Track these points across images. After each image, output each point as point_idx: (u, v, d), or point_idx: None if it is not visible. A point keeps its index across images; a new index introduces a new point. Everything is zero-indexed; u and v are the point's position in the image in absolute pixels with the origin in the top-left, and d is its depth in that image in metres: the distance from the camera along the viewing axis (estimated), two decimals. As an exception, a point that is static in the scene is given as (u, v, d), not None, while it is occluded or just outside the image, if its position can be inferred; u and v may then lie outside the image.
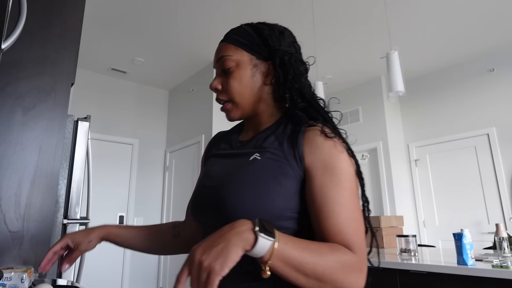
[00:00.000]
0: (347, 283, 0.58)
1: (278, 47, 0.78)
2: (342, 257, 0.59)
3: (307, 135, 0.70)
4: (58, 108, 1.32)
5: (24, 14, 0.96)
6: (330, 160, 0.67)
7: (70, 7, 1.43)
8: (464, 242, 1.77)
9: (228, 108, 0.78)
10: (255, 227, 0.53)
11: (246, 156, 0.74)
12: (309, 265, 0.55)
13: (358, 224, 0.65)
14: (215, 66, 0.80)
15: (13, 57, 1.25)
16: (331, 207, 0.63)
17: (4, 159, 1.19)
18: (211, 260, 0.49)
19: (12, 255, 1.15)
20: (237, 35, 0.79)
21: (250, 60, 0.78)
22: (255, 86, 0.78)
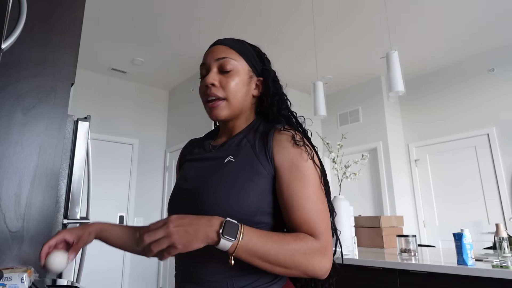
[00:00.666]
0: (311, 267, 0.67)
1: (270, 68, 0.90)
2: (304, 244, 0.67)
3: (277, 136, 0.78)
4: (58, 108, 1.32)
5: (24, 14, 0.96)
6: (296, 160, 0.75)
7: (70, 7, 1.43)
8: (464, 242, 1.77)
9: (219, 105, 0.82)
10: (220, 229, 0.62)
11: (221, 159, 0.80)
12: (271, 255, 0.65)
13: (322, 214, 0.72)
14: (211, 63, 0.83)
15: (13, 57, 1.25)
16: (297, 200, 0.72)
17: (4, 159, 1.19)
18: (178, 238, 0.60)
19: (12, 255, 1.15)
20: (239, 45, 0.86)
21: (248, 71, 0.86)
22: (248, 94, 0.85)
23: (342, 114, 5.10)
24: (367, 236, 2.88)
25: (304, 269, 0.67)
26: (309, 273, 0.68)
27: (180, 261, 0.79)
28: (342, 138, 3.57)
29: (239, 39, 0.89)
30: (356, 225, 2.96)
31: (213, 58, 0.84)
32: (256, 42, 0.98)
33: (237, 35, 0.89)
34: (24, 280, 0.87)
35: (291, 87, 5.06)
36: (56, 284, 1.16)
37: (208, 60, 0.84)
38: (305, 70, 4.49)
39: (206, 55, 0.86)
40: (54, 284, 1.15)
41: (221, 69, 0.82)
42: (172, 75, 4.66)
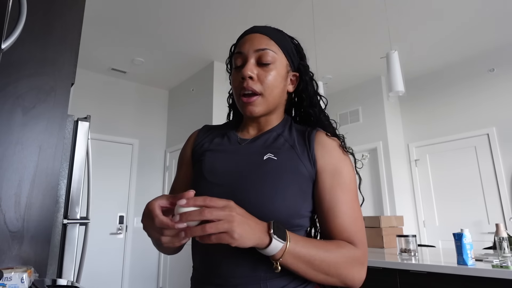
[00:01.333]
0: (351, 276, 0.66)
1: (307, 64, 0.85)
2: (347, 253, 0.66)
3: (320, 139, 0.76)
4: (58, 108, 1.32)
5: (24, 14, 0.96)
6: (339, 166, 0.73)
7: (70, 7, 1.43)
8: (464, 242, 1.77)
9: (256, 101, 0.76)
10: (270, 230, 0.59)
11: (257, 155, 0.75)
12: (317, 261, 0.63)
13: (361, 223, 0.72)
14: (250, 54, 0.77)
15: (13, 57, 1.25)
16: (339, 206, 0.70)
17: (4, 159, 1.19)
18: (238, 226, 0.55)
19: (12, 255, 1.15)
20: (280, 36, 0.81)
21: (287, 65, 0.80)
22: (283, 89, 0.80)
23: (342, 114, 5.10)
24: (367, 236, 2.87)
25: (344, 278, 0.66)
26: (348, 283, 0.66)
27: (204, 261, 0.72)
28: (342, 138, 3.58)
29: (279, 29, 0.83)
30: (356, 225, 2.96)
31: (252, 48, 0.77)
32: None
33: (237, 35, 0.87)
34: (24, 280, 0.87)
35: (291, 87, 5.05)
36: (56, 284, 1.16)
37: (246, 49, 0.77)
38: (305, 70, 4.49)
39: (244, 43, 0.79)
40: (54, 284, 1.15)
41: (259, 61, 0.76)
42: (172, 75, 4.66)
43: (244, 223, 0.56)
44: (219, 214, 0.54)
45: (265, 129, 0.81)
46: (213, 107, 4.09)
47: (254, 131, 0.83)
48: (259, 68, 0.76)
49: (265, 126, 0.82)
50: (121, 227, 4.35)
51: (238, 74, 0.78)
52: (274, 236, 0.59)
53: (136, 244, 4.43)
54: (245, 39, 0.79)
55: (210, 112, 4.11)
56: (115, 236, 4.30)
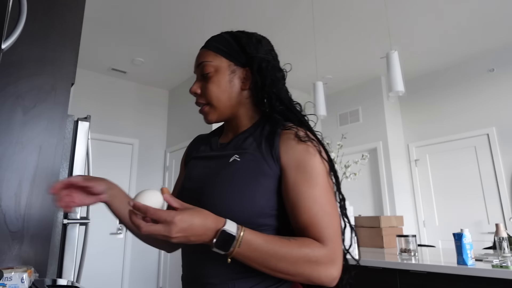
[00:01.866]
0: (316, 274, 0.64)
1: (256, 54, 0.81)
2: (310, 252, 0.64)
3: (282, 137, 0.75)
4: (58, 108, 1.32)
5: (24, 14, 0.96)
6: (302, 159, 0.71)
7: (70, 7, 1.43)
8: (464, 242, 1.77)
9: (205, 111, 0.82)
10: (213, 239, 0.61)
11: (226, 157, 0.77)
12: (272, 262, 0.63)
13: (330, 218, 0.68)
14: (196, 71, 0.84)
15: (13, 57, 1.25)
16: (303, 202, 0.68)
17: (4, 159, 1.19)
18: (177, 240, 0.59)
19: (12, 255, 1.15)
20: (217, 42, 0.83)
21: (229, 66, 0.81)
22: (233, 90, 0.81)
23: (342, 114, 5.10)
24: (367, 236, 2.88)
25: (308, 277, 0.64)
26: (314, 281, 0.65)
27: (185, 261, 0.78)
28: (342, 138, 3.57)
29: (219, 34, 0.85)
30: (356, 225, 2.96)
31: (195, 65, 0.84)
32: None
33: (237, 35, 0.87)
34: (24, 280, 0.87)
35: (291, 87, 5.03)
36: (56, 284, 1.16)
37: (194, 68, 0.85)
38: (305, 70, 4.49)
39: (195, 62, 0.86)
40: (54, 284, 1.15)
41: (202, 74, 0.82)
42: (172, 75, 4.66)
43: (182, 238, 0.59)
44: (155, 232, 0.58)
45: (239, 131, 0.84)
46: (213, 107, 4.09)
47: (231, 134, 0.86)
48: (203, 81, 0.81)
49: (238, 128, 0.84)
50: (121, 227, 4.35)
51: None
52: (215, 248, 0.61)
53: (136, 244, 4.43)
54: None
55: (210, 112, 4.11)
56: (115, 236, 4.30)
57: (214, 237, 0.60)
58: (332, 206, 0.70)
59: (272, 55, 0.85)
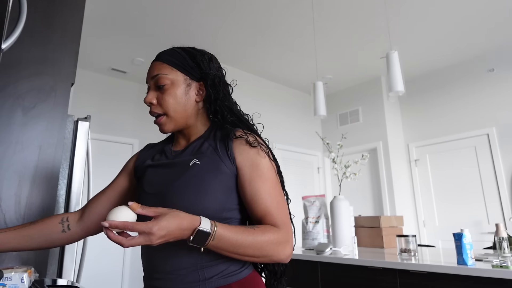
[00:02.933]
0: (277, 254, 0.76)
1: (209, 71, 0.91)
2: (272, 236, 0.75)
3: (235, 142, 0.85)
4: (58, 108, 1.32)
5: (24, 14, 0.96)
6: (254, 159, 0.83)
7: (70, 7, 1.43)
8: (464, 242, 1.77)
9: (162, 122, 0.87)
10: (191, 237, 0.69)
11: (185, 163, 0.84)
12: (240, 249, 0.73)
13: (282, 206, 0.82)
14: (149, 82, 0.89)
15: (13, 57, 1.25)
16: (259, 195, 0.80)
17: (4, 159, 1.19)
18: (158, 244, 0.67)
19: (12, 255, 1.15)
20: (172, 56, 0.89)
21: (184, 80, 0.88)
22: (188, 102, 0.88)
23: (342, 114, 5.10)
24: (367, 236, 2.88)
25: (270, 257, 0.76)
26: (275, 260, 0.77)
27: (147, 259, 0.82)
28: (342, 138, 3.58)
29: (172, 48, 0.92)
30: (356, 225, 2.96)
31: (149, 76, 0.89)
32: (257, 43, 0.98)
33: (237, 35, 0.89)
34: (24, 280, 0.87)
35: (291, 87, 5.06)
36: (56, 284, 1.16)
37: (147, 79, 0.90)
38: (305, 70, 4.49)
39: (147, 74, 0.91)
40: (54, 284, 1.15)
41: (157, 86, 0.87)
42: (172, 75, 4.66)
43: (163, 242, 0.67)
44: (137, 243, 0.66)
45: (192, 138, 0.91)
46: (213, 107, 4.09)
47: (184, 141, 0.93)
48: (158, 92, 0.87)
49: (192, 135, 0.92)
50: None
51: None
52: (191, 243, 0.69)
53: (136, 244, 4.43)
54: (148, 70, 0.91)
55: (210, 112, 4.11)
56: (115, 236, 4.30)
57: (191, 235, 0.68)
58: (282, 197, 0.83)
59: (221, 72, 0.95)
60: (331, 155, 2.89)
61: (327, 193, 5.02)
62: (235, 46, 3.85)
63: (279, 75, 4.64)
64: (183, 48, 0.92)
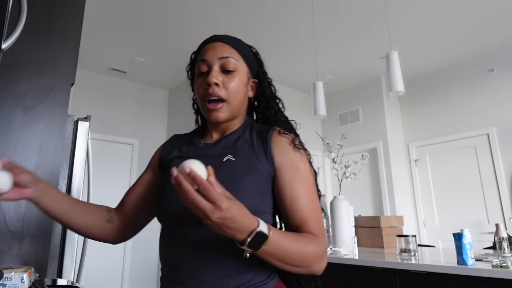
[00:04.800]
0: (316, 265, 0.70)
1: (265, 70, 0.91)
2: (316, 246, 0.70)
3: (276, 138, 0.80)
4: (58, 108, 1.32)
5: (24, 14, 0.96)
6: (296, 162, 0.78)
7: (70, 7, 1.43)
8: (464, 242, 1.77)
9: (220, 108, 0.80)
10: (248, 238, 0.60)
11: (219, 157, 0.79)
12: (289, 258, 0.66)
13: (319, 215, 0.77)
14: (213, 61, 0.81)
15: (13, 57, 1.25)
16: (300, 199, 0.74)
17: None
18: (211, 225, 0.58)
19: (12, 255, 1.15)
20: (240, 44, 0.86)
21: (247, 73, 0.86)
22: (246, 95, 0.86)
23: (342, 114, 5.10)
24: (367, 236, 2.88)
25: (310, 268, 0.70)
26: (312, 271, 0.71)
27: (168, 260, 0.76)
28: (342, 138, 3.58)
29: (237, 38, 0.88)
30: (356, 225, 2.96)
31: (215, 55, 0.81)
32: (256, 42, 0.99)
33: (237, 35, 0.88)
34: (24, 280, 0.87)
35: (291, 87, 5.05)
36: (56, 284, 1.16)
37: (209, 57, 0.82)
38: (305, 70, 4.49)
39: (206, 51, 0.83)
40: (54, 284, 1.15)
41: (223, 68, 0.81)
42: (172, 75, 4.66)
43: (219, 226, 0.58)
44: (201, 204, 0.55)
45: (227, 132, 0.86)
46: (213, 107, 4.09)
47: (217, 135, 0.87)
48: (223, 75, 0.81)
49: (227, 130, 0.86)
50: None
51: (203, 80, 0.81)
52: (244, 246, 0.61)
53: (136, 244, 4.43)
54: (207, 47, 0.84)
55: (210, 112, 4.11)
56: (115, 236, 4.30)
57: (248, 236, 0.60)
58: (319, 206, 0.78)
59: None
60: (331, 155, 2.89)
61: (327, 193, 5.02)
62: (235, 46, 3.85)
63: (279, 75, 4.64)
64: (245, 43, 0.90)
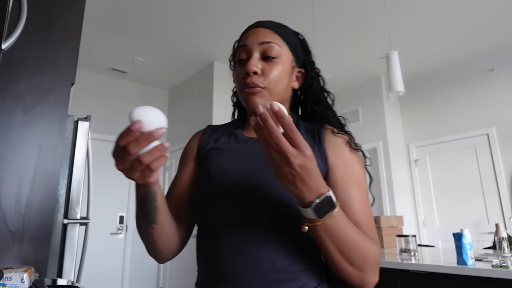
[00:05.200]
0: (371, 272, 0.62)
1: (312, 60, 0.83)
2: (375, 250, 0.62)
3: (330, 136, 0.74)
4: (58, 108, 1.32)
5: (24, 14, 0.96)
6: (352, 163, 0.71)
7: (70, 7, 1.43)
8: (464, 242, 1.77)
9: (259, 93, 0.72)
10: (316, 200, 0.54)
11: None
12: (347, 246, 0.58)
13: (372, 220, 0.69)
14: (253, 47, 0.74)
15: (13, 57, 1.25)
16: (354, 202, 0.67)
17: (4, 159, 1.19)
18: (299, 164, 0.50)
19: (12, 255, 1.15)
20: (284, 30, 0.79)
21: (291, 61, 0.78)
22: (289, 85, 0.78)
23: (342, 114, 5.05)
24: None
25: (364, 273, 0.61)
26: (364, 280, 0.62)
27: (212, 262, 0.68)
28: (342, 138, 3.57)
29: (283, 24, 0.80)
30: (356, 225, 2.96)
31: (256, 41, 0.75)
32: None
33: (237, 35, 0.87)
34: (25, 280, 0.87)
35: (291, 87, 5.05)
36: (56, 284, 1.16)
37: (249, 42, 0.75)
38: (305, 70, 4.49)
39: (247, 36, 0.77)
40: (54, 284, 1.15)
41: (264, 55, 0.74)
42: (172, 75, 4.66)
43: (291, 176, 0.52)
44: (284, 146, 0.50)
45: None
46: (213, 107, 4.09)
47: None
48: (264, 62, 0.74)
49: None
50: (121, 227, 4.35)
51: (242, 68, 0.75)
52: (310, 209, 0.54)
53: (136, 244, 4.43)
54: (248, 33, 0.77)
55: (210, 112, 4.11)
56: (115, 236, 4.30)
57: (316, 197, 0.54)
58: (372, 212, 0.70)
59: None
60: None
61: (327, 193, 5.01)
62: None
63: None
64: (289, 27, 0.81)
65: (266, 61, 0.74)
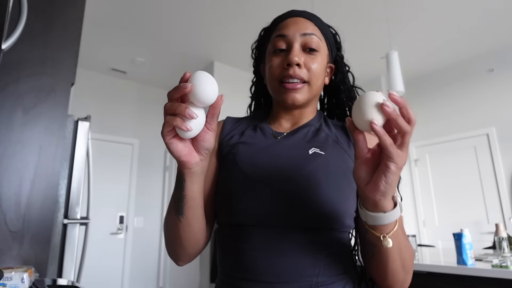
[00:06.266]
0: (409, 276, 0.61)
1: (343, 55, 0.81)
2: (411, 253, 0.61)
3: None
4: (58, 108, 1.32)
5: (24, 14, 0.96)
6: None
7: (70, 7, 1.43)
8: (464, 242, 1.77)
9: (301, 89, 0.70)
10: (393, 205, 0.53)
11: (300, 149, 0.68)
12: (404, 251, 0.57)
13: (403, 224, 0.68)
14: (296, 37, 0.71)
15: (13, 57, 1.25)
16: None
17: (4, 159, 1.19)
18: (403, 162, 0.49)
19: (12, 255, 1.15)
20: (322, 24, 0.76)
21: (327, 55, 0.76)
22: (323, 80, 0.75)
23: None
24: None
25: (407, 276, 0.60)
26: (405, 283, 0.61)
27: (241, 263, 0.63)
28: (342, 138, 3.57)
29: (320, 18, 0.77)
30: (356, 225, 2.96)
31: (297, 31, 0.71)
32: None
33: (237, 34, 0.87)
34: (25, 280, 0.87)
35: (291, 87, 5.05)
36: (56, 284, 1.16)
37: (291, 32, 0.71)
38: (305, 70, 4.49)
39: (287, 26, 0.73)
40: (54, 284, 1.15)
41: (305, 47, 0.71)
42: (172, 75, 4.66)
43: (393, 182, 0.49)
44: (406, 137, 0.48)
45: (300, 122, 0.75)
46: (213, 107, 4.09)
47: (288, 124, 0.75)
48: (305, 54, 0.71)
49: (300, 119, 0.75)
50: (121, 227, 4.35)
51: (281, 59, 0.71)
52: (389, 213, 0.51)
53: (136, 244, 4.44)
54: (288, 21, 0.74)
55: (210, 112, 4.11)
56: (115, 236, 4.30)
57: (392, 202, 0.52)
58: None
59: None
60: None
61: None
62: (235, 45, 3.85)
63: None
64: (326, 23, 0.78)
65: (308, 53, 0.71)
